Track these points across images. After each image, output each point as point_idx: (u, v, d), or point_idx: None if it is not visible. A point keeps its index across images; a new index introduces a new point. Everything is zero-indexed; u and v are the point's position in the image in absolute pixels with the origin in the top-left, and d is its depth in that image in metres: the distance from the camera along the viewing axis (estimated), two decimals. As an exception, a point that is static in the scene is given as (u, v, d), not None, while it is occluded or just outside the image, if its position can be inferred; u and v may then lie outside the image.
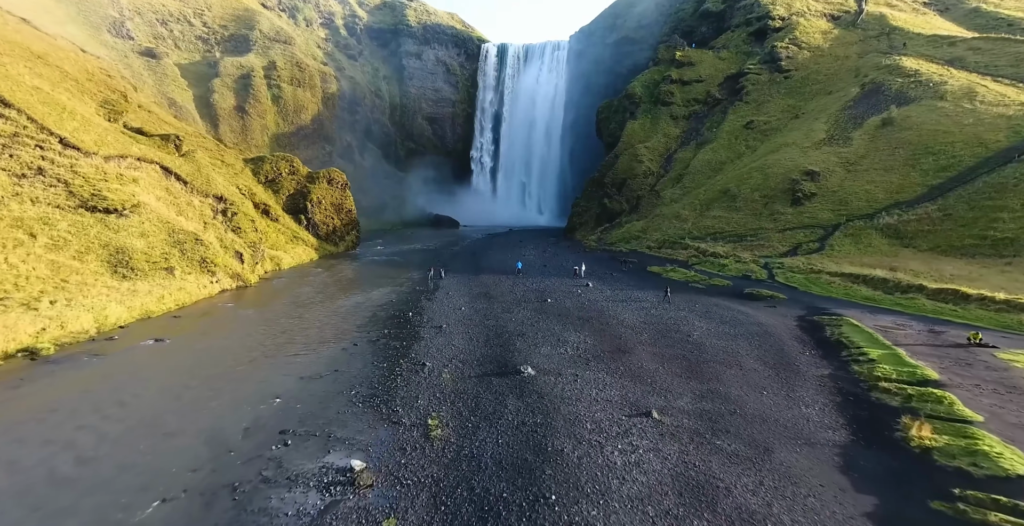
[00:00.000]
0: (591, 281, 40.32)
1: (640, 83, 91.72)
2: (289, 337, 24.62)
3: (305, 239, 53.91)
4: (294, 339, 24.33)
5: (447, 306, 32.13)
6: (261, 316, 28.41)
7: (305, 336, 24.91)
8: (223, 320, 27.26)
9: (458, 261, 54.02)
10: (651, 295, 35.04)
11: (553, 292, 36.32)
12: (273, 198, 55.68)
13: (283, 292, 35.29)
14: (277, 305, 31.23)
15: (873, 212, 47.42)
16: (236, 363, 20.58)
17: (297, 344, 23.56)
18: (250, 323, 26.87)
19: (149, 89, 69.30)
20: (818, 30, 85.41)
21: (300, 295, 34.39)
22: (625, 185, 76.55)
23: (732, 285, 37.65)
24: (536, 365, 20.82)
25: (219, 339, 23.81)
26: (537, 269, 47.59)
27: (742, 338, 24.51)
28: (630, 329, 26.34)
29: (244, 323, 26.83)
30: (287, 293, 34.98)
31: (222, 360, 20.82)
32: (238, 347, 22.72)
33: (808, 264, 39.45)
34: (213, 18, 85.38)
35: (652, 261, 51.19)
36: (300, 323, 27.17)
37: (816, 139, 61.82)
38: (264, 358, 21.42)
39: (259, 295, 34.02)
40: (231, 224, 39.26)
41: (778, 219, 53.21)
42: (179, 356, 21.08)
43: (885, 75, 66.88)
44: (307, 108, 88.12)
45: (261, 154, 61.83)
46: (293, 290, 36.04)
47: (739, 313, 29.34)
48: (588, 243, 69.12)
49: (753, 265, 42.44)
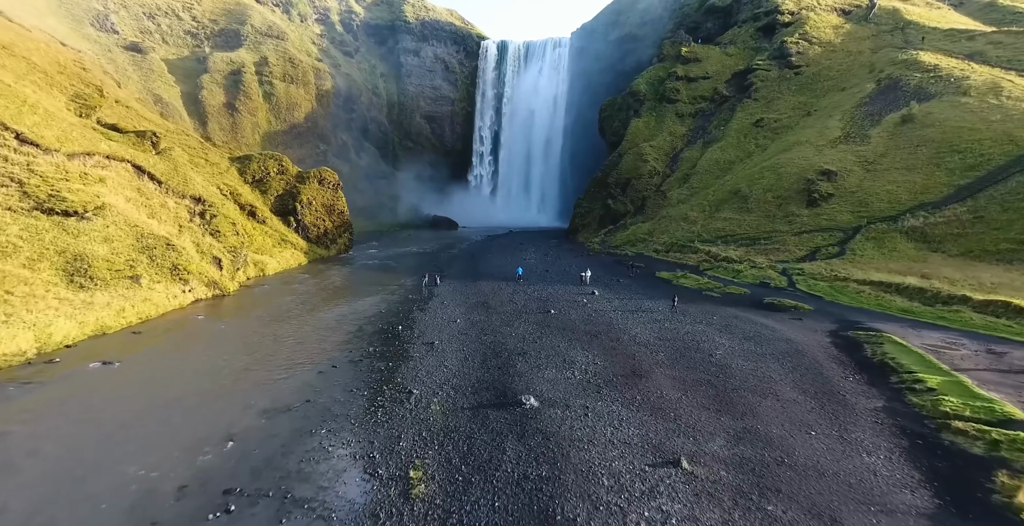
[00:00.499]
0: (597, 288, 37.50)
1: (644, 80, 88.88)
2: (260, 357, 21.79)
3: (294, 242, 51.09)
4: (265, 360, 21.50)
5: (441, 318, 29.31)
6: (233, 331, 25.58)
7: (278, 356, 22.07)
8: (189, 336, 24.42)
9: (455, 266, 51.21)
10: (662, 305, 32.23)
11: (557, 301, 33.50)
12: (260, 199, 52.86)
13: (263, 302, 32.45)
14: (254, 317, 28.40)
15: (896, 214, 44.56)
16: (191, 391, 17.76)
17: (267, 366, 20.73)
18: (219, 340, 24.03)
19: (134, 85, 66.49)
20: (829, 25, 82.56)
21: (281, 305, 31.56)
22: (629, 185, 73.72)
23: (750, 294, 34.80)
24: (540, 394, 18.00)
25: (178, 360, 20.97)
26: (538, 275, 44.78)
27: (771, 358, 21.66)
28: (644, 347, 23.50)
29: (212, 340, 23.99)
30: (267, 303, 32.15)
31: (174, 388, 18.00)
32: (198, 371, 19.89)
33: (831, 271, 36.60)
34: (203, 12, 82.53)
35: (660, 266, 48.35)
36: (275, 340, 24.34)
37: (831, 137, 58.95)
38: (225, 385, 18.60)
39: (236, 305, 31.19)
40: (210, 227, 36.44)
41: (793, 221, 50.34)
42: (125, 383, 18.25)
43: (902, 70, 64.01)
44: (300, 106, 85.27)
45: (253, 153, 58.99)
46: (274, 299, 33.21)
47: (763, 327, 26.50)
48: (591, 246, 66.29)
49: (770, 271, 39.59)
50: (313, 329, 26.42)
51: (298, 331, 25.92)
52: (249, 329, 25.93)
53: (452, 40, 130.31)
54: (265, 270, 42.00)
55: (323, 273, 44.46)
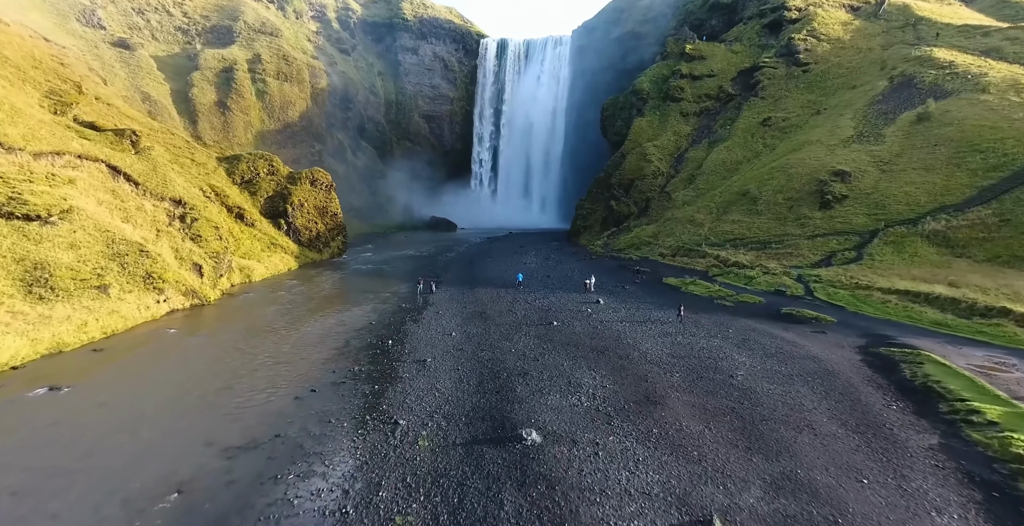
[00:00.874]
0: (602, 296, 35.33)
1: (648, 78, 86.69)
2: (231, 379, 19.60)
3: (284, 246, 48.92)
4: (237, 383, 19.31)
5: (435, 330, 27.14)
6: (206, 347, 23.39)
7: (252, 378, 19.88)
8: (156, 354, 22.23)
9: (452, 271, 49.02)
10: (672, 315, 30.05)
11: (559, 311, 31.32)
12: (250, 200, 50.68)
13: (245, 312, 30.26)
14: (232, 331, 26.21)
15: (916, 217, 42.37)
16: (144, 425, 15.58)
17: (238, 391, 18.55)
18: (188, 358, 21.85)
19: (121, 82, 64.29)
20: (837, 21, 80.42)
21: (264, 316, 29.37)
22: (633, 186, 71.55)
23: (765, 303, 32.62)
24: (543, 425, 15.83)
25: (137, 384, 18.79)
26: (539, 281, 42.61)
27: (800, 381, 19.48)
28: (656, 366, 21.32)
29: (181, 358, 21.80)
30: (249, 313, 29.96)
31: (126, 421, 15.81)
32: (157, 398, 17.70)
33: (850, 278, 34.40)
34: (194, 8, 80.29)
35: (667, 271, 46.18)
36: (252, 358, 22.14)
37: (843, 136, 56.75)
38: (186, 415, 16.42)
39: (215, 316, 29.00)
40: (190, 231, 34.26)
41: (806, 224, 48.15)
42: (69, 415, 16.06)
43: (916, 67, 61.84)
44: (295, 104, 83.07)
45: (242, 153, 56.82)
46: (258, 310, 31.02)
47: (784, 342, 24.31)
48: (594, 249, 64.11)
49: (785, 278, 37.41)
50: (295, 345, 24.22)
51: (278, 347, 23.73)
52: (224, 345, 23.73)
53: (451, 38, 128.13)
54: (251, 276, 39.81)
55: (313, 279, 42.27)
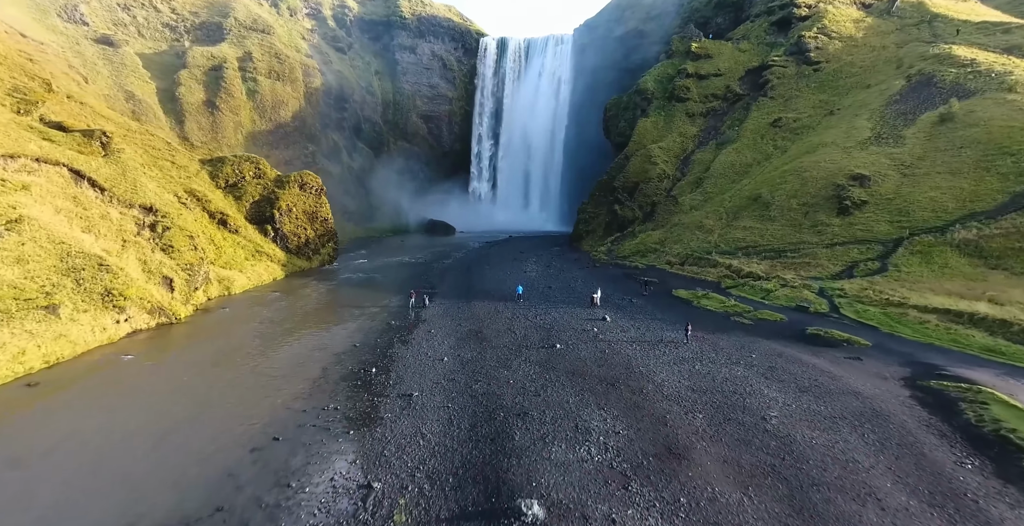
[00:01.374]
0: (608, 312, 32.56)
1: (652, 77, 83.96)
2: (180, 422, 16.84)
3: (270, 253, 46.18)
4: (186, 427, 16.55)
5: (425, 354, 24.40)
6: (161, 379, 20.62)
7: (206, 420, 17.13)
8: (100, 389, 19.45)
9: (448, 280, 46.27)
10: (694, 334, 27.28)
11: (563, 330, 28.56)
12: (234, 205, 47.97)
13: (216, 332, 27.50)
14: (195, 356, 23.45)
15: (943, 225, 39.58)
16: (48, 497, 12.79)
17: (185, 439, 15.78)
18: (135, 394, 19.08)
19: (104, 81, 61.58)
20: (849, 18, 77.65)
21: (236, 337, 26.61)
22: (638, 189, 68.79)
23: (787, 321, 29.82)
24: (545, 491, 13.06)
25: (61, 432, 16.01)
26: (540, 292, 39.86)
27: (846, 425, 16.69)
28: (675, 403, 18.55)
29: (127, 394, 19.03)
30: (220, 334, 27.20)
31: (27, 490, 13.04)
32: (80, 454, 14.93)
33: (879, 293, 31.59)
34: (182, 4, 77.53)
35: (676, 281, 43.42)
36: (210, 392, 19.39)
37: (860, 138, 53.98)
38: (111, 479, 13.64)
39: (182, 338, 26.24)
40: (161, 241, 31.51)
41: (823, 232, 45.36)
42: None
43: (935, 65, 59.07)
44: (287, 104, 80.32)
45: (227, 155, 54.12)
46: (231, 328, 28.26)
47: (818, 372, 21.53)
48: (597, 255, 61.33)
49: (806, 292, 34.62)
50: (265, 375, 21.45)
51: (245, 378, 20.96)
52: (183, 376, 20.96)
53: (450, 37, 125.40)
54: (231, 288, 37.06)
55: (299, 291, 39.50)
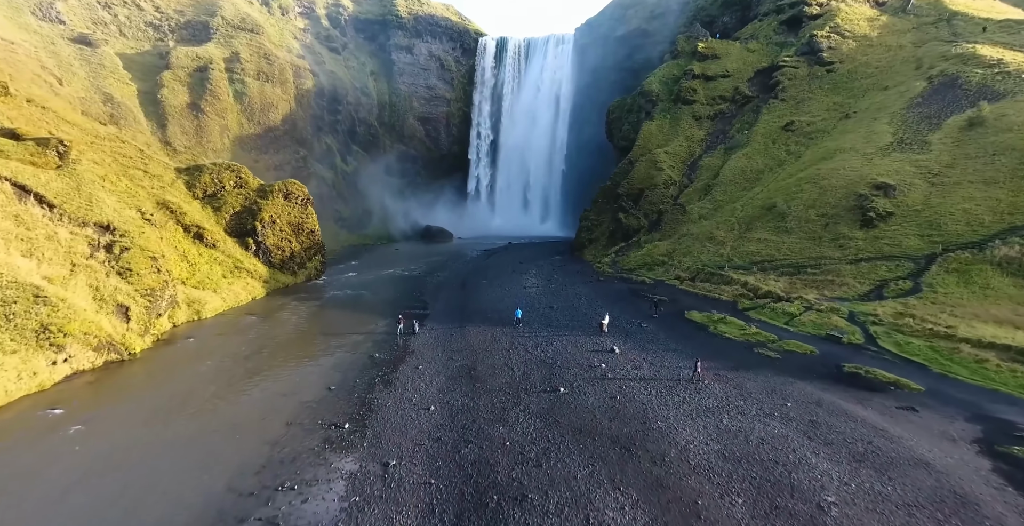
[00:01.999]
0: (616, 341, 29.31)
1: (657, 79, 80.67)
2: (92, 511, 13.53)
3: (251, 269, 42.90)
4: (87, 519, 13.24)
5: (410, 401, 21.14)
6: (86, 442, 17.28)
7: (125, 506, 13.82)
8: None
9: (442, 298, 42.96)
10: (707, 371, 24.02)
11: (567, 366, 25.28)
12: (213, 217, 44.69)
13: (171, 370, 24.18)
14: (136, 407, 20.12)
15: (981, 240, 36.31)
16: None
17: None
18: (48, 467, 15.73)
19: (80, 82, 58.29)
20: (862, 17, 74.43)
21: (193, 378, 23.31)
22: (643, 197, 65.49)
23: (819, 354, 26.53)
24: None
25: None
26: (541, 314, 36.56)
27: (926, 516, 13.38)
28: (706, 479, 15.25)
29: (27, 474, 15.68)
30: (176, 373, 23.88)
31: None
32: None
33: (921, 322, 28.25)
34: (167, 2, 74.11)
35: (687, 300, 40.12)
36: (140, 463, 16.07)
37: (881, 144, 50.71)
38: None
39: (129, 381, 22.91)
40: (118, 264, 28.21)
41: (845, 246, 42.07)
42: None
43: (958, 66, 55.82)
44: (277, 106, 76.98)
45: (209, 162, 50.86)
46: (190, 365, 24.94)
47: (870, 429, 18.23)
48: (600, 266, 58.05)
49: (835, 317, 31.29)
50: (214, 436, 18.13)
51: (188, 442, 17.61)
52: (114, 437, 17.64)
53: (448, 36, 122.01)
54: (202, 311, 33.75)
55: (277, 313, 36.20)
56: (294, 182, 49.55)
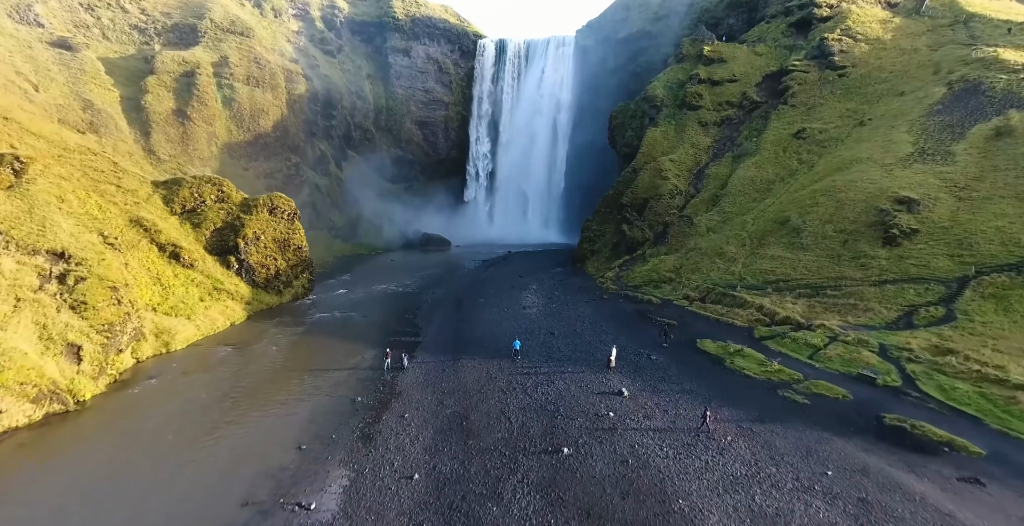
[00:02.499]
0: (625, 380, 26.51)
1: (661, 83, 77.89)
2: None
3: (231, 290, 40.12)
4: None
5: (391, 464, 18.37)
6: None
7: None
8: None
9: (435, 321, 40.12)
10: (729, 422, 21.22)
11: (570, 415, 22.46)
12: (192, 235, 41.91)
13: (119, 425, 21.31)
14: (63, 481, 17.29)
15: (1019, 262, 33.50)
16: None
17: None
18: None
19: (58, 89, 55.56)
20: (875, 19, 71.66)
21: (140, 436, 20.44)
22: (647, 207, 62.67)
23: (853, 400, 23.68)
24: None
25: None
26: (542, 340, 33.76)
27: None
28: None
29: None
30: (124, 428, 21.04)
31: None
32: None
33: (965, 362, 25.37)
34: (154, 4, 71.45)
35: (698, 325, 37.28)
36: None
37: (901, 154, 47.90)
38: None
39: (66, 440, 20.05)
40: (71, 297, 25.41)
41: (867, 265, 39.22)
42: None
43: (980, 71, 53.02)
44: (267, 112, 74.22)
45: (189, 175, 48.11)
46: (143, 417, 22.07)
47: (932, 513, 15.38)
48: (604, 282, 55.19)
49: (865, 352, 28.42)
50: (149, 515, 15.31)
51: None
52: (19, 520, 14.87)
53: (446, 38, 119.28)
54: (172, 342, 30.92)
55: (255, 343, 33.35)
56: (280, 196, 46.75)
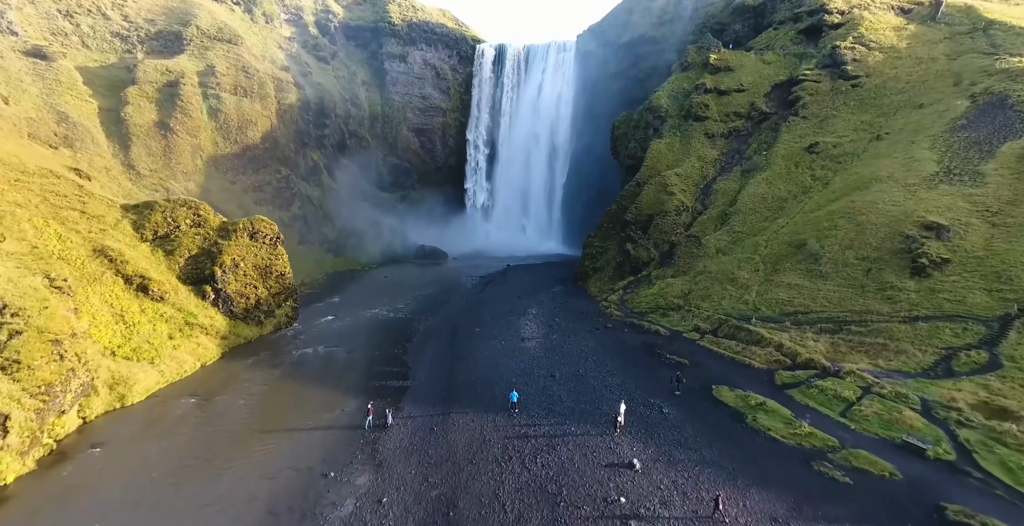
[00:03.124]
0: (636, 445, 23.45)
1: (666, 92, 74.87)
2: None
3: (205, 324, 37.05)
4: None
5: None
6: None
7: None
8: None
9: (427, 358, 37.01)
10: (761, 514, 18.16)
11: (575, 497, 19.43)
12: (164, 263, 38.86)
13: (42, 517, 18.24)
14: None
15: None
16: None
17: None
18: None
19: (30, 100, 52.52)
20: (889, 26, 68.69)
21: None
22: (652, 224, 59.59)
23: (903, 479, 20.57)
24: None
25: None
26: (542, 386, 30.69)
27: None
28: None
29: None
30: (45, 521, 17.96)
31: None
32: None
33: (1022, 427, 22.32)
34: (137, 11, 68.39)
35: (713, 365, 34.17)
36: None
37: (925, 173, 44.88)
38: None
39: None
40: (2, 357, 22.30)
41: (895, 299, 36.13)
42: None
43: (1006, 83, 50.03)
44: (256, 123, 71.19)
45: (162, 199, 45.10)
46: (69, 506, 19.00)
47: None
48: (607, 306, 52.07)
49: (906, 410, 25.23)
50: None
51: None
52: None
53: (444, 44, 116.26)
54: (129, 395, 27.81)
55: (223, 392, 30.21)
56: (261, 219, 43.68)
